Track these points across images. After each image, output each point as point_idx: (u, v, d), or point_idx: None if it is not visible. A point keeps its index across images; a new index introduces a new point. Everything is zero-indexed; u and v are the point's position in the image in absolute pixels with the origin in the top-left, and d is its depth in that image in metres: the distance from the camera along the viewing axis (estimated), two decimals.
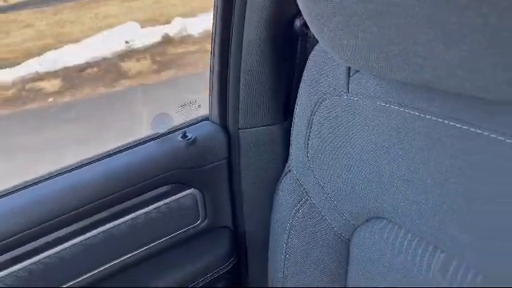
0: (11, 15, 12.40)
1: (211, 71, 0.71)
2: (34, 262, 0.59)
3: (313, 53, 0.57)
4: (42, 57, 7.33)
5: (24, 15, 11.98)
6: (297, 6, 0.46)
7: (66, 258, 0.62)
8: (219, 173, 0.73)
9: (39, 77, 6.70)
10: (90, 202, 0.62)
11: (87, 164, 0.66)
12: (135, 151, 0.69)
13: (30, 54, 7.33)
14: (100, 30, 7.84)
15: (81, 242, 0.63)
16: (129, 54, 7.10)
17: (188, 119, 0.74)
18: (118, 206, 0.66)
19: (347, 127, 0.52)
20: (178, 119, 0.72)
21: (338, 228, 0.58)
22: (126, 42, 7.62)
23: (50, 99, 5.88)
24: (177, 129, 0.73)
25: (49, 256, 0.61)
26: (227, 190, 0.74)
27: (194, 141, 0.69)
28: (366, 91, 0.49)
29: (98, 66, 6.86)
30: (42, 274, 0.58)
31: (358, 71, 0.50)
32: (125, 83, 5.60)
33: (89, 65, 7.01)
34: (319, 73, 0.54)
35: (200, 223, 0.74)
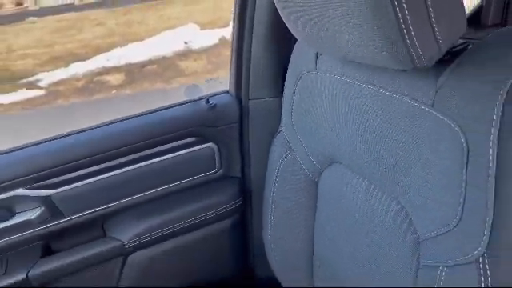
0: (85, 14, 13.42)
1: (231, 58, 0.94)
2: (91, 183, 0.85)
3: (297, 42, 0.77)
4: (109, 53, 7.97)
5: (97, 14, 12.93)
6: None
7: (113, 183, 0.86)
8: (232, 132, 0.95)
9: (106, 71, 7.31)
10: (133, 143, 0.86)
11: (134, 117, 0.91)
12: (170, 110, 0.93)
13: (99, 50, 8.01)
14: (163, 30, 8.38)
15: (124, 172, 0.87)
16: (187, 53, 7.53)
17: (213, 91, 0.97)
18: (155, 148, 0.89)
19: (316, 95, 0.71)
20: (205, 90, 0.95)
21: (309, 172, 0.77)
22: (185, 43, 8.08)
23: (114, 91, 6.42)
24: (203, 97, 0.96)
25: (100, 180, 0.86)
26: (238, 147, 0.96)
27: (214, 106, 0.92)
28: (326, 68, 0.69)
29: (158, 64, 7.36)
30: (83, 196, 0.83)
31: (321, 54, 0.70)
32: (180, 80, 6.00)
33: (150, 62, 7.53)
34: (299, 57, 0.75)
35: (216, 171, 0.96)
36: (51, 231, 0.85)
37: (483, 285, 0.45)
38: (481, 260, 0.44)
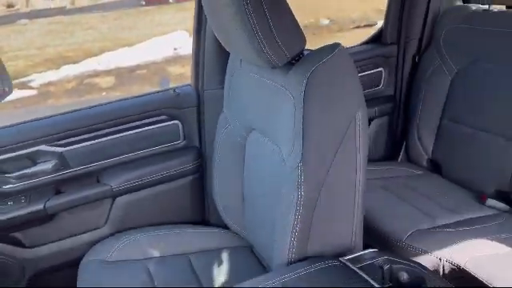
0: (77, 17, 13.66)
1: (192, 60, 1.34)
2: (90, 145, 1.23)
3: None
4: (99, 57, 8.30)
5: (88, 18, 13.20)
6: None
7: (106, 146, 1.24)
8: (192, 113, 1.34)
9: (96, 74, 7.63)
10: (122, 117, 1.25)
11: (123, 99, 1.29)
12: (149, 96, 1.32)
13: (89, 54, 8.33)
14: (153, 36, 8.73)
15: (114, 139, 1.26)
16: (176, 59, 7.89)
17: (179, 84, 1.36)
18: (137, 122, 1.28)
19: (241, 86, 1.10)
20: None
21: (240, 138, 1.16)
22: (175, 49, 8.45)
23: (104, 93, 6.75)
24: (172, 88, 1.35)
25: (97, 143, 1.24)
26: (196, 124, 1.35)
27: (179, 94, 1.31)
28: (245, 68, 1.09)
29: (147, 68, 7.71)
30: (85, 154, 1.22)
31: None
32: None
33: (139, 67, 7.87)
34: (232, 59, 1.15)
35: (180, 142, 1.35)
36: (61, 177, 1.24)
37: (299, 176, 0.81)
38: (299, 166, 0.83)
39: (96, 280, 1.10)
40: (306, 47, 0.89)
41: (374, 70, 1.61)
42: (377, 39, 1.63)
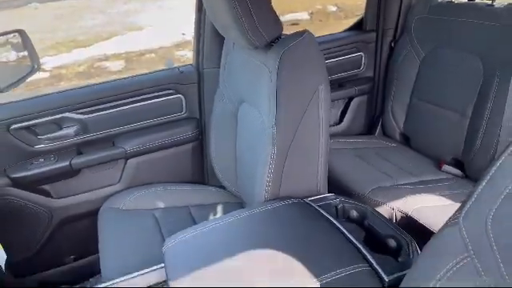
0: (86, 2, 13.84)
1: (193, 43, 1.57)
2: (108, 113, 1.48)
3: None
4: (109, 40, 8.53)
5: (98, 2, 13.36)
6: None
7: (121, 114, 1.49)
8: (193, 89, 1.57)
9: (105, 57, 7.87)
10: (134, 90, 1.49)
11: (136, 76, 1.54)
12: (157, 73, 1.57)
13: (99, 38, 8.56)
14: (161, 21, 8.91)
15: (127, 109, 1.50)
16: (183, 44, 8.09)
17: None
18: (148, 95, 1.53)
19: (234, 65, 1.35)
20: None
21: (233, 109, 1.39)
22: (183, 34, 8.64)
23: (113, 76, 6.99)
24: (177, 67, 1.58)
25: (113, 112, 1.49)
26: (197, 98, 1.59)
27: (182, 72, 1.56)
28: (235, 48, 1.32)
29: (156, 53, 7.91)
30: (103, 121, 1.46)
31: None
32: None
33: (148, 51, 8.09)
34: (227, 41, 1.37)
35: (183, 113, 1.60)
36: (82, 140, 1.49)
37: (274, 134, 1.06)
38: (273, 126, 1.06)
39: (112, 224, 1.36)
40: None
41: (356, 54, 1.84)
42: (358, 27, 1.85)
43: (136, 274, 1.07)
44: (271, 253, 0.87)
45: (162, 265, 0.95)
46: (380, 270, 0.82)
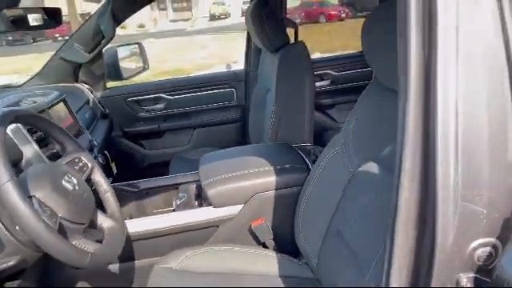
0: (194, 38, 15.66)
1: (245, 55, 2.36)
2: (181, 97, 2.32)
3: None
4: (209, 69, 9.88)
5: (203, 39, 15.10)
6: None
7: (190, 99, 2.30)
8: (242, 85, 2.39)
9: None
10: (204, 82, 2.30)
11: (204, 74, 2.36)
12: (220, 73, 2.39)
13: (200, 68, 9.95)
14: None
15: (195, 95, 2.31)
16: None
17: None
18: (211, 87, 2.32)
19: (262, 64, 2.07)
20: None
21: (262, 96, 2.11)
22: None
23: None
24: (233, 70, 2.37)
25: (182, 96, 2.34)
26: (243, 92, 2.36)
27: (236, 73, 2.36)
28: (263, 54, 2.06)
29: None
30: (181, 102, 2.30)
31: None
32: None
33: None
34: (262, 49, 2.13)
35: (234, 102, 2.37)
36: (167, 113, 2.34)
37: (273, 104, 1.76)
38: (275, 101, 1.76)
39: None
40: None
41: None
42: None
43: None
44: (259, 157, 1.54)
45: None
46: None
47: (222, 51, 11.92)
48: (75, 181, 0.98)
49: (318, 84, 2.41)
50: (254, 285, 1.17)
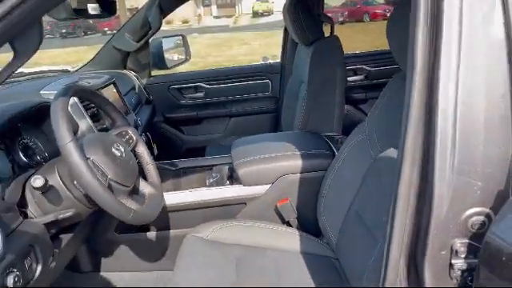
0: (236, 34, 15.88)
1: (281, 48, 2.46)
2: (219, 87, 2.46)
3: None
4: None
5: (245, 36, 15.31)
6: None
7: (228, 89, 2.44)
8: (277, 77, 2.50)
9: None
10: (242, 73, 2.43)
11: (243, 66, 2.48)
12: (256, 65, 2.51)
13: (241, 63, 10.12)
14: None
15: (233, 85, 2.46)
16: None
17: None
18: (248, 78, 2.45)
19: (298, 57, 2.17)
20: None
21: (296, 88, 2.20)
22: None
23: None
24: (270, 62, 2.48)
25: (220, 86, 2.48)
26: (278, 83, 2.47)
27: (272, 65, 2.48)
28: (299, 47, 2.15)
29: None
30: (219, 91, 2.45)
31: None
32: None
33: None
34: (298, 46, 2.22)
35: (269, 93, 2.49)
36: (206, 102, 2.48)
37: (305, 94, 1.86)
38: (305, 91, 1.85)
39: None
40: None
41: None
42: None
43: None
44: (288, 142, 1.64)
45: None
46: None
47: (263, 48, 12.04)
48: (122, 149, 1.13)
49: (351, 78, 2.48)
50: (276, 259, 1.26)
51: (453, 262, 0.69)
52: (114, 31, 2.69)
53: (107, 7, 1.52)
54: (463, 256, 0.69)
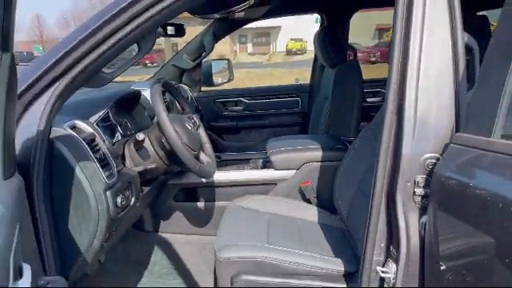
0: (270, 70, 16.46)
1: (311, 72, 2.90)
2: (252, 102, 2.90)
3: None
4: None
5: (278, 72, 15.90)
6: None
7: (263, 104, 2.89)
8: (306, 95, 2.92)
9: None
10: (274, 91, 2.89)
11: (277, 85, 2.95)
12: (289, 85, 2.97)
13: None
14: None
15: (267, 101, 2.90)
16: None
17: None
18: (281, 95, 2.89)
19: (325, 77, 2.60)
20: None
21: (322, 103, 2.62)
22: None
23: None
24: (300, 83, 2.92)
25: (257, 101, 2.93)
26: (307, 100, 2.89)
27: (302, 85, 2.93)
28: (326, 69, 2.58)
29: None
30: (256, 105, 2.90)
31: None
32: None
33: None
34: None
35: (298, 109, 2.93)
36: (245, 114, 2.94)
37: (328, 109, 2.26)
38: (328, 108, 2.26)
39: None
40: None
41: None
42: None
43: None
44: (312, 140, 2.04)
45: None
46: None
47: (281, 79, 12.58)
48: (192, 125, 1.57)
49: (370, 100, 2.88)
50: (299, 225, 1.60)
51: (415, 190, 1.02)
52: (155, 64, 3.20)
53: (178, 29, 2.03)
54: (422, 185, 1.01)
